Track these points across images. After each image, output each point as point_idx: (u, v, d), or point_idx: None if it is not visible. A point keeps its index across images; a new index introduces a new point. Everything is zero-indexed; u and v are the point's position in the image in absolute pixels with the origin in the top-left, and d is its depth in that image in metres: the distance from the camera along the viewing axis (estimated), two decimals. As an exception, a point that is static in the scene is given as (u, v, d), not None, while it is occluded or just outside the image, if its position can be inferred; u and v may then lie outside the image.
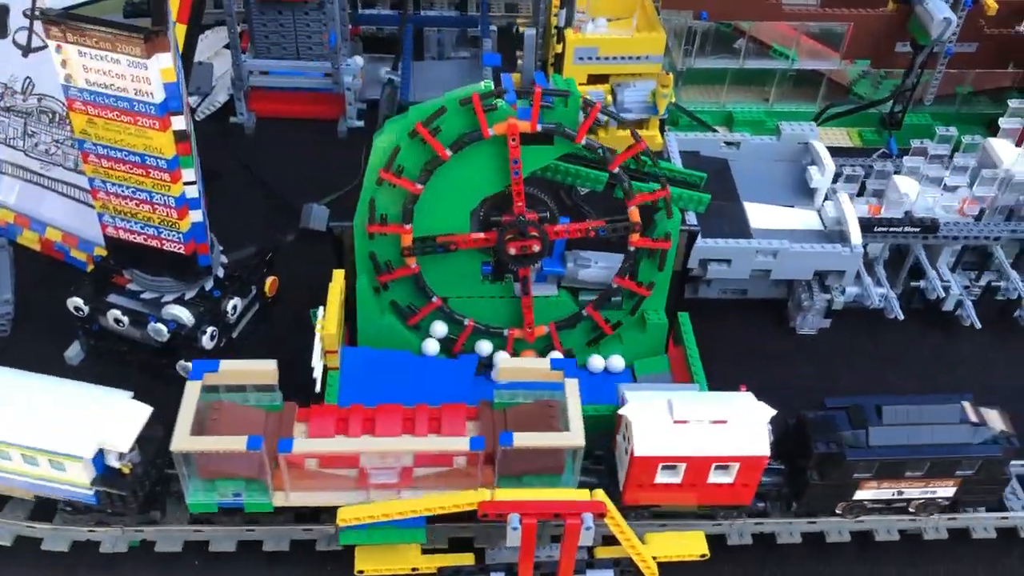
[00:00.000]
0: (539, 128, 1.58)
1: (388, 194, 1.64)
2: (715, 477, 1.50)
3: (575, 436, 1.43)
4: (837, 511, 1.62)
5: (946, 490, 1.59)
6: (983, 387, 1.93)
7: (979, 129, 2.49)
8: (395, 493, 1.48)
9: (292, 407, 1.51)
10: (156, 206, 1.68)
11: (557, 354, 1.80)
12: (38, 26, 1.93)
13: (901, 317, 1.96)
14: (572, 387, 1.51)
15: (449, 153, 1.59)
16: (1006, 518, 1.67)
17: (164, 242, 1.73)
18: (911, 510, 1.62)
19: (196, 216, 1.71)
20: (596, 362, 1.82)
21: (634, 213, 1.68)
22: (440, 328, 1.79)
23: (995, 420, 1.58)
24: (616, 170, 1.65)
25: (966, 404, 1.56)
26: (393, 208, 1.65)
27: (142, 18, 1.57)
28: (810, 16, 2.44)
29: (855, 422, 1.54)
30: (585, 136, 1.60)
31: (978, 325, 1.98)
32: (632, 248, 1.71)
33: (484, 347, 1.81)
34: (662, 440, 1.46)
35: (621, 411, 1.50)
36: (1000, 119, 2.07)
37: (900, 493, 1.58)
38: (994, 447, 1.54)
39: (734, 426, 1.48)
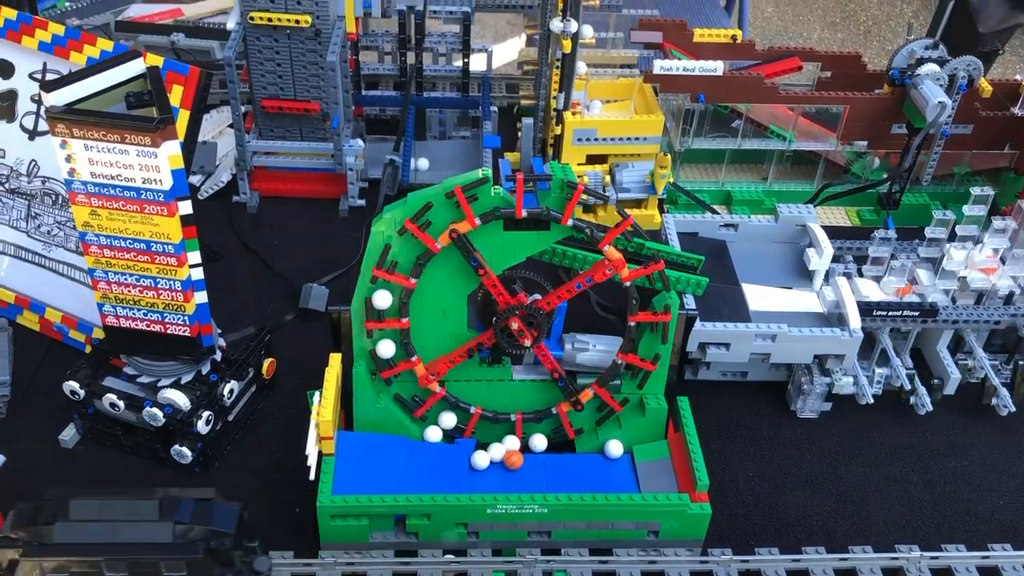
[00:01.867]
0: (525, 213, 1.59)
1: (384, 288, 1.64)
2: None
3: None
4: None
5: None
6: (991, 471, 1.92)
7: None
8: None
9: None
10: (161, 291, 1.69)
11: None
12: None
13: (907, 386, 1.95)
14: None
15: (439, 246, 1.60)
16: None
17: (168, 326, 1.73)
18: None
19: (201, 297, 1.72)
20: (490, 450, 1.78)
21: (586, 394, 1.74)
22: (448, 419, 1.77)
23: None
24: (606, 248, 1.65)
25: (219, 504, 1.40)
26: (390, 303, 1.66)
27: (144, 108, 1.60)
28: (806, 99, 2.47)
29: (46, 516, 1.37)
30: (572, 217, 1.61)
31: (1012, 409, 1.97)
32: (632, 324, 1.71)
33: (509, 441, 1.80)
34: None
35: None
36: (957, 227, 2.05)
37: None
38: (196, 547, 1.38)
39: None
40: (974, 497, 1.87)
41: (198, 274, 1.69)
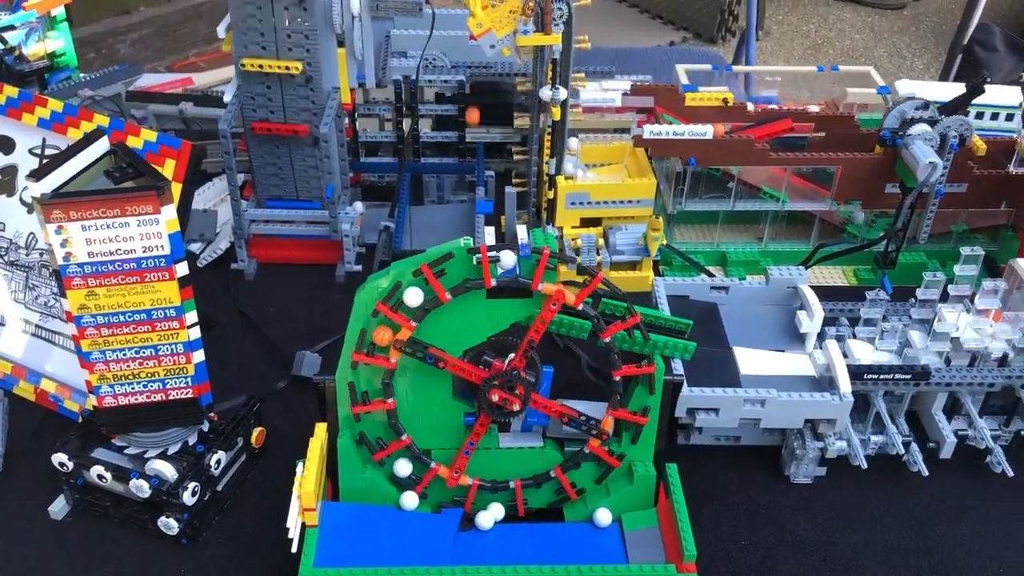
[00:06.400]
0: (540, 288, 1.60)
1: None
2: None
3: None
4: None
5: None
6: (990, 537, 1.88)
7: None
8: None
9: None
10: (162, 358, 1.71)
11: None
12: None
13: (900, 453, 1.92)
14: None
15: (449, 296, 1.60)
16: None
17: (170, 392, 1.74)
18: None
19: (199, 356, 1.74)
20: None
21: (607, 422, 1.71)
22: (404, 467, 1.75)
23: None
24: (608, 340, 1.65)
25: None
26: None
27: (129, 180, 1.63)
28: (798, 160, 2.48)
29: None
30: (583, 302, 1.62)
31: (1010, 473, 1.93)
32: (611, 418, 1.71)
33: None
34: None
35: None
36: (949, 286, 2.04)
37: None
38: None
39: None
40: (973, 565, 1.82)
41: (196, 334, 1.71)
